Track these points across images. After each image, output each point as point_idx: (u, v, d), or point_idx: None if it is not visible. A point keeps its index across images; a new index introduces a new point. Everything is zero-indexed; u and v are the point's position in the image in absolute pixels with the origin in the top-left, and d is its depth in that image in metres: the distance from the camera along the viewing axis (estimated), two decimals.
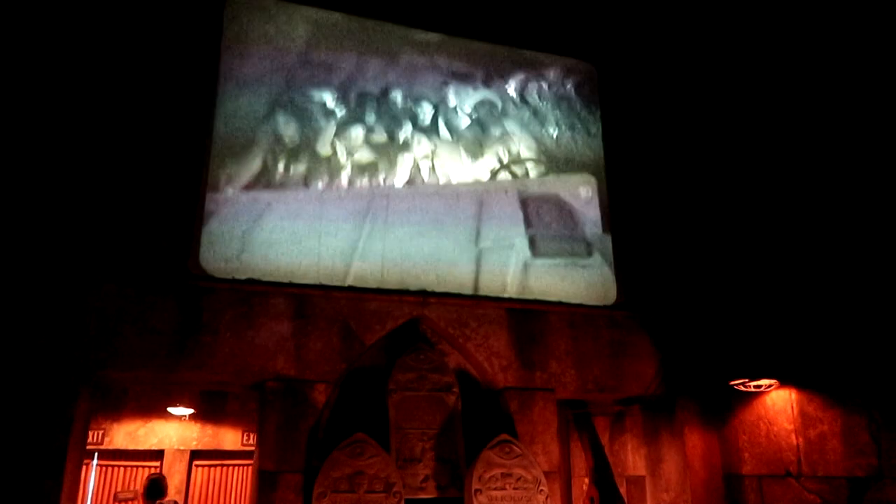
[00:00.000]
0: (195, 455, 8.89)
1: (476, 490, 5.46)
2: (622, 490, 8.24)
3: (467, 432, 6.06)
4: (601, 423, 8.57)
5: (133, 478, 8.35)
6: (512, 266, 6.70)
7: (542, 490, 5.64)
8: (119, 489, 8.32)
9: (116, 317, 5.43)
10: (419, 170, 6.68)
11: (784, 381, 6.14)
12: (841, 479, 5.65)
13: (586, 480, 8.72)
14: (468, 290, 6.45)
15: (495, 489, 5.53)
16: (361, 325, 6.07)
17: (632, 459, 7.91)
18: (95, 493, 8.35)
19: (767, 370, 6.06)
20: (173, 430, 8.70)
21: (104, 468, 8.61)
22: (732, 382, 6.27)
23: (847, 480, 5.61)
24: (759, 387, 6.27)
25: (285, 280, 5.94)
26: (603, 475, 8.31)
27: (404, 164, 6.61)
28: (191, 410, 8.57)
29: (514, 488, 5.59)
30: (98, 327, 5.37)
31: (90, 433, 7.34)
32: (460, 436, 5.96)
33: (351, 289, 6.11)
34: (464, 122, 6.97)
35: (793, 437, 6.10)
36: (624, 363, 6.77)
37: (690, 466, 6.85)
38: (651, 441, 7.39)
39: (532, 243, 6.83)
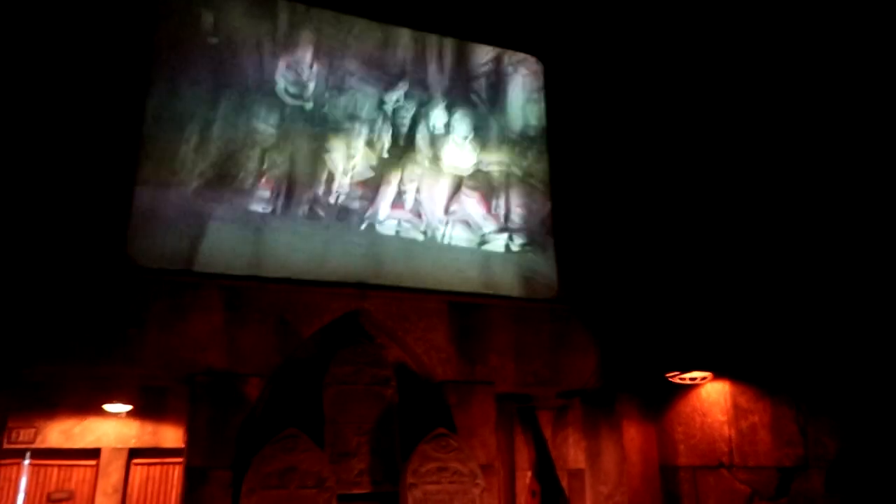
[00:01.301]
0: (134, 453, 8.60)
1: (411, 484, 5.40)
2: (564, 483, 8.26)
3: (405, 426, 5.99)
4: (545, 417, 8.56)
5: (68, 478, 8.04)
6: (454, 259, 6.61)
7: (477, 483, 5.61)
8: (53, 489, 8.02)
9: (42, 310, 5.19)
10: (358, 162, 6.54)
11: (718, 374, 6.23)
12: (770, 469, 5.76)
13: (529, 474, 8.72)
14: (408, 283, 6.36)
15: (430, 483, 5.48)
16: (298, 317, 5.95)
17: (573, 453, 7.93)
18: (28, 494, 8.02)
19: (701, 363, 6.15)
20: (111, 428, 8.38)
21: (37, 468, 8.28)
22: (668, 375, 6.32)
23: (776, 470, 5.72)
24: (694, 379, 6.35)
25: (219, 272, 5.75)
26: (546, 469, 8.32)
27: (344, 156, 6.47)
28: (128, 407, 8.29)
29: (450, 482, 5.54)
30: (21, 321, 5.13)
31: (20, 431, 7.04)
32: (397, 430, 5.89)
33: (287, 281, 5.98)
34: (404, 113, 6.88)
35: (726, 428, 6.19)
36: (564, 357, 6.79)
37: (628, 459, 6.91)
38: (591, 434, 7.43)
39: (475, 236, 6.77)
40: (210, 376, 5.51)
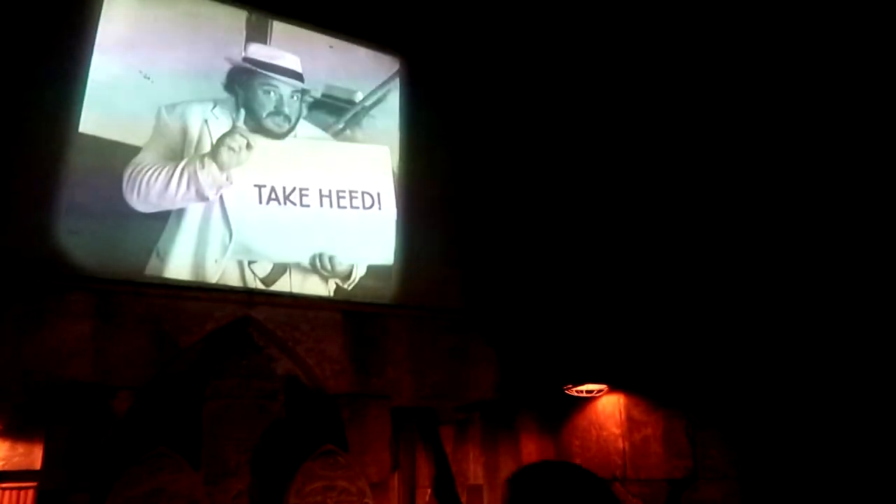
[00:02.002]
0: (2, 477, 7.76)
1: None
2: (464, 500, 8.07)
3: (294, 442, 5.63)
4: (447, 432, 8.36)
5: None
6: (349, 268, 6.34)
7: (366, 502, 5.32)
8: None
9: None
10: (245, 167, 6.17)
11: (613, 387, 6.21)
12: (662, 482, 5.76)
13: (429, 491, 8.50)
14: (300, 290, 6.03)
15: (314, 503, 5.14)
16: (177, 326, 5.52)
17: (473, 468, 7.76)
18: None
19: (596, 375, 6.11)
20: None
21: None
22: (566, 388, 6.26)
23: (667, 482, 5.73)
24: (591, 392, 6.31)
25: (88, 275, 5.25)
26: (446, 485, 8.10)
27: (229, 160, 6.08)
28: None
29: (336, 502, 5.23)
30: None
31: None
32: (283, 447, 5.52)
33: (165, 286, 5.52)
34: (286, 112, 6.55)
35: (620, 441, 6.17)
36: (463, 369, 6.63)
37: None
38: (490, 449, 7.28)
39: (365, 244, 6.52)
40: (72, 390, 4.98)
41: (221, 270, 5.84)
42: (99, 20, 5.85)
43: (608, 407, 6.42)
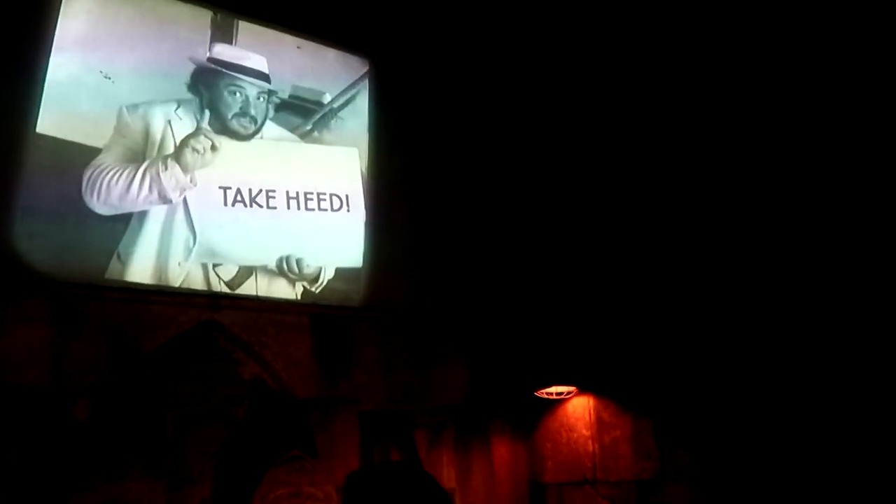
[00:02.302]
0: None
1: None
2: None
3: (261, 449, 5.54)
4: (420, 437, 8.29)
5: None
6: (317, 270, 6.26)
7: None
8: None
9: None
10: (210, 168, 6.07)
11: (583, 389, 6.21)
12: (630, 483, 5.77)
13: None
14: (266, 294, 5.94)
15: None
16: (139, 330, 5.40)
17: (446, 472, 7.70)
18: None
19: (564, 377, 6.10)
20: None
21: None
22: (537, 392, 6.24)
23: (636, 484, 5.74)
24: (561, 394, 6.31)
25: (46, 279, 5.11)
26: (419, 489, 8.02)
27: (193, 161, 5.97)
28: None
29: None
30: None
31: None
32: (249, 453, 5.42)
33: (126, 290, 5.40)
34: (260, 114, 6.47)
35: (590, 443, 6.17)
36: (433, 373, 6.59)
37: (497, 477, 6.77)
38: (462, 453, 7.24)
39: (333, 247, 6.45)
40: (26, 397, 4.83)
41: (185, 274, 5.73)
42: (58, 18, 5.70)
43: (578, 409, 6.41)
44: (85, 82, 5.74)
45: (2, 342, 4.98)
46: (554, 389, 6.26)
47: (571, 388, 6.25)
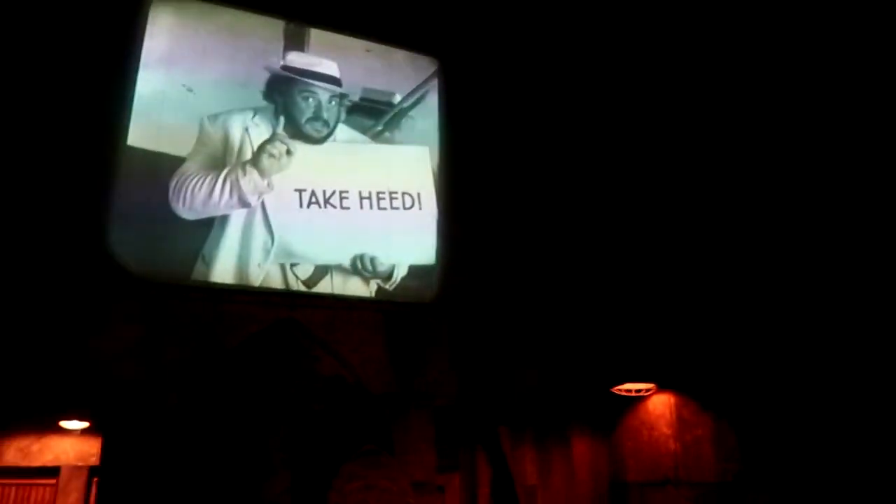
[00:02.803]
0: (95, 472, 8.17)
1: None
2: (522, 501, 7.96)
3: (338, 443, 5.70)
4: (506, 433, 8.27)
5: (26, 497, 7.59)
6: (390, 268, 6.36)
7: (408, 502, 5.31)
8: None
9: None
10: (286, 172, 6.30)
11: (662, 386, 5.97)
12: (712, 485, 5.49)
13: (487, 491, 8.42)
14: (341, 292, 6.10)
15: (357, 502, 5.18)
16: (222, 328, 5.67)
17: (528, 469, 7.66)
18: None
19: (644, 374, 5.88)
20: (70, 446, 7.93)
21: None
22: (614, 388, 6.06)
23: (717, 486, 5.45)
24: (640, 391, 6.09)
25: (138, 281, 5.49)
26: (505, 486, 8.01)
27: (270, 166, 6.22)
28: (85, 424, 7.87)
29: (377, 500, 5.25)
30: None
31: None
32: (326, 447, 5.59)
33: (210, 290, 5.69)
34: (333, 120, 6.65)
35: (671, 442, 5.94)
36: (508, 370, 6.57)
37: (577, 476, 6.64)
38: (542, 450, 7.16)
39: (406, 244, 6.53)
40: (125, 389, 5.21)
41: (264, 274, 5.97)
42: (144, 38, 6.08)
43: (659, 407, 6.18)
44: (169, 96, 6.10)
45: (102, 340, 5.35)
46: (632, 386, 6.05)
47: (650, 386, 6.02)
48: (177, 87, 6.21)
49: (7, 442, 7.36)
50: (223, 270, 5.91)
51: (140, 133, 5.95)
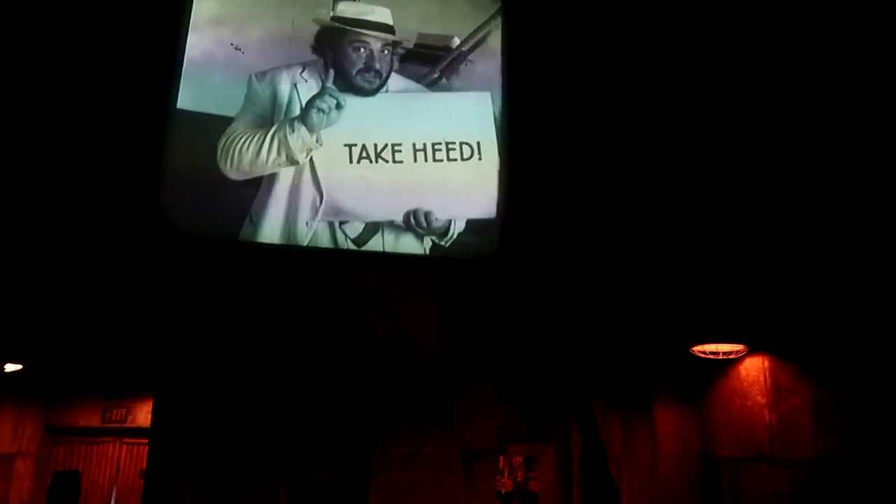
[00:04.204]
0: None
1: (375, 469, 4.87)
2: (614, 473, 7.36)
3: (389, 406, 5.45)
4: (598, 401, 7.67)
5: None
6: (446, 223, 5.98)
7: (454, 471, 4.96)
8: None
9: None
10: (335, 127, 6.05)
11: (755, 348, 5.11)
12: (811, 462, 4.63)
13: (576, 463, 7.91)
14: (392, 249, 5.80)
15: (399, 469, 4.92)
16: (270, 289, 5.57)
17: (614, 439, 7.05)
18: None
19: (733, 334, 5.06)
20: None
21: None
22: (696, 349, 5.29)
23: (817, 463, 4.58)
24: (729, 354, 5.27)
25: (187, 243, 5.52)
26: (594, 456, 7.44)
27: (319, 121, 6.00)
28: None
29: (422, 468, 4.96)
30: None
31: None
32: (375, 410, 5.35)
33: (258, 250, 5.60)
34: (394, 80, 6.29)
35: (766, 412, 5.12)
36: (576, 331, 5.96)
37: (661, 449, 5.95)
38: (624, 420, 6.54)
39: (464, 198, 6.08)
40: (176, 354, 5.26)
41: (312, 233, 5.79)
42: (193, 1, 6.05)
43: (752, 372, 5.35)
44: (217, 56, 6.04)
45: (153, 303, 5.42)
46: (720, 348, 5.23)
47: (740, 347, 5.17)
48: (225, 47, 6.12)
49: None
50: (271, 230, 5.80)
51: (189, 95, 5.93)
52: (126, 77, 5.82)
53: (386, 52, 6.39)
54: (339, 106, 6.13)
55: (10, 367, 5.82)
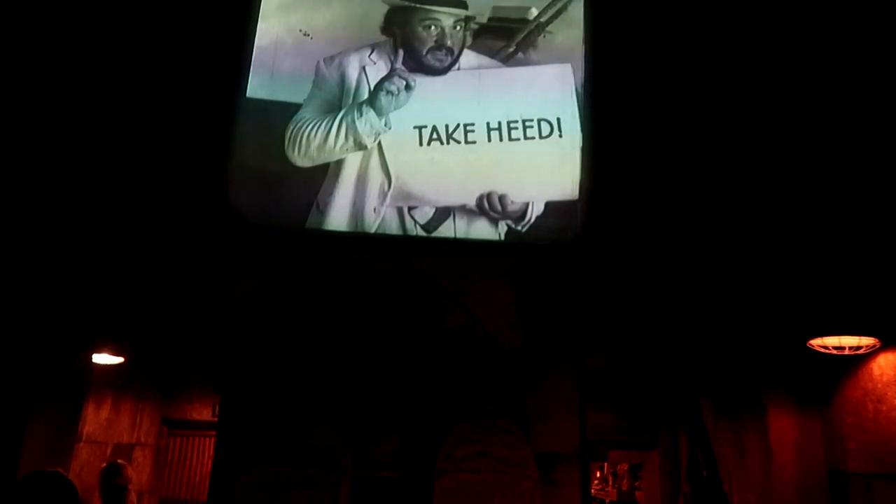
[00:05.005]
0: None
1: (441, 471, 4.49)
2: (725, 486, 6.56)
3: (459, 402, 5.05)
4: (707, 405, 6.91)
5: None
6: (523, 207, 5.53)
7: (529, 476, 4.49)
8: None
9: None
10: (405, 109, 5.76)
11: (889, 342, 4.26)
12: None
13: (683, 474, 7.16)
14: (464, 235, 5.42)
15: (466, 470, 4.50)
16: (338, 278, 5.36)
17: (724, 448, 6.25)
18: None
19: (861, 325, 4.24)
20: None
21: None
22: (814, 342, 4.50)
23: None
24: (858, 349, 4.44)
25: (254, 231, 5.41)
26: (707, 466, 6.69)
27: (388, 104, 5.74)
28: None
29: (492, 471, 4.51)
30: None
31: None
32: (444, 406, 4.98)
33: (325, 238, 5.40)
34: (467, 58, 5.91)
35: None
36: (671, 323, 5.30)
37: (777, 461, 5.16)
38: (735, 427, 5.75)
39: (543, 178, 5.60)
40: (242, 348, 5.14)
41: (380, 219, 5.52)
42: None
43: (887, 371, 4.48)
44: (286, 43, 5.94)
45: (224, 291, 5.34)
46: (844, 341, 4.42)
47: (871, 341, 4.33)
48: (294, 34, 6.02)
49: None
50: (338, 217, 5.60)
51: (259, 83, 5.88)
52: (198, 68, 5.82)
53: (458, 27, 6.03)
54: (408, 87, 5.83)
55: (110, 360, 5.93)
